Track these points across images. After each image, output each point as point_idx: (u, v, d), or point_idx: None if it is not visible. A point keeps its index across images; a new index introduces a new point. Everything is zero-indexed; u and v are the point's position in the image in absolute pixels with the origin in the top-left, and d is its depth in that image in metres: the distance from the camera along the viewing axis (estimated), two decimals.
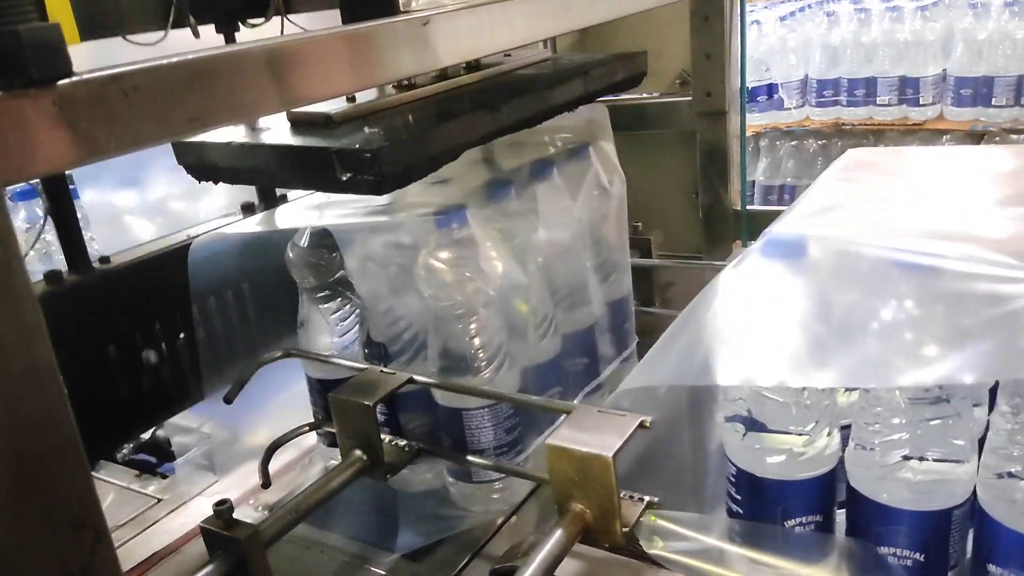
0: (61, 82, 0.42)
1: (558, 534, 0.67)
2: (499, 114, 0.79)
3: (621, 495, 0.69)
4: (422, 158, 0.71)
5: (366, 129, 0.71)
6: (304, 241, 0.91)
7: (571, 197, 0.95)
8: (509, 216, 0.88)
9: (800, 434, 0.63)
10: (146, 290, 0.89)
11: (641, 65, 1.05)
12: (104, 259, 0.87)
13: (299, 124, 0.75)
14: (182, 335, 0.91)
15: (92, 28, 0.83)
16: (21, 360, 0.33)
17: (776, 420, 0.64)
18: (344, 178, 0.66)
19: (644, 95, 1.51)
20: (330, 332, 0.93)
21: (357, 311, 0.93)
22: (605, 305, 1.03)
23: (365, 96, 0.80)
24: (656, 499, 0.74)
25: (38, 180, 0.85)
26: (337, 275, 0.91)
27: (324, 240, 0.90)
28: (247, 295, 0.99)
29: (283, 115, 0.77)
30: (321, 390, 0.94)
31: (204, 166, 0.75)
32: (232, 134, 0.75)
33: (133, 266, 0.88)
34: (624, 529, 0.69)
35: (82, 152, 0.43)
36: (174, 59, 0.47)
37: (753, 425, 0.65)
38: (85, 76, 0.43)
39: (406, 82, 0.82)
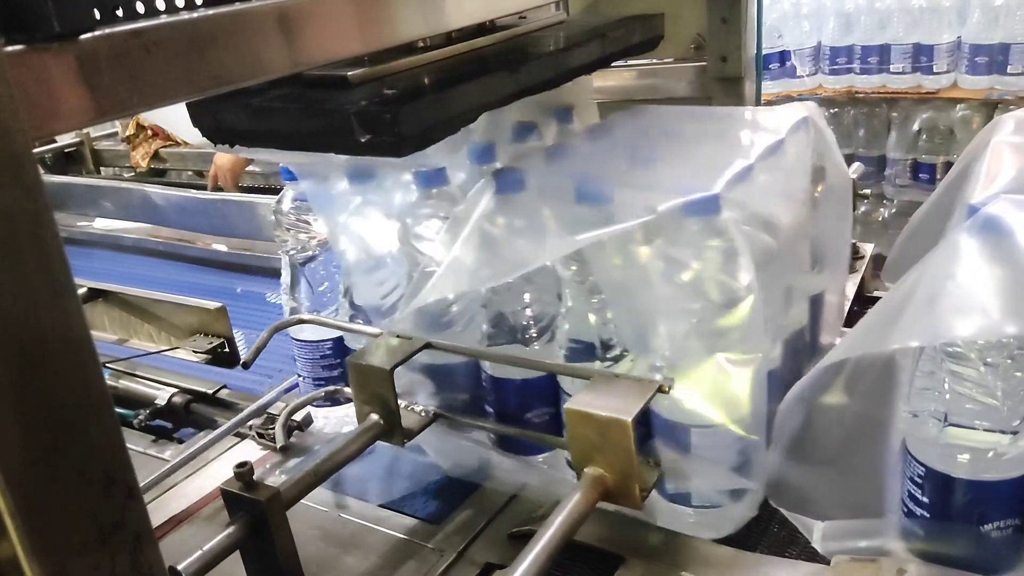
0: (83, 36, 0.41)
1: (577, 497, 0.68)
2: (518, 76, 0.78)
3: (639, 459, 0.69)
4: (441, 119, 0.70)
5: (384, 90, 0.71)
6: (285, 204, 0.91)
7: None
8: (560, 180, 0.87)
9: (1005, 432, 0.59)
10: None
11: (658, 27, 1.03)
12: None
13: (316, 86, 0.74)
14: None
15: None
16: (51, 315, 0.33)
17: (977, 416, 0.59)
18: (363, 140, 0.65)
19: (658, 60, 1.49)
20: (313, 296, 0.94)
21: (337, 274, 0.94)
22: None
23: (382, 56, 0.79)
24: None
25: None
26: (318, 239, 0.92)
27: (304, 203, 0.90)
28: None
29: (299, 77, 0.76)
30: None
31: (220, 128, 0.75)
32: (248, 96, 0.74)
33: None
34: (642, 492, 0.69)
35: (105, 107, 0.42)
36: (195, 15, 0.46)
37: (949, 421, 0.60)
38: (107, 30, 0.42)
39: (421, 44, 0.81)
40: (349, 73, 0.73)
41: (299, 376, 0.99)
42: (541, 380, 0.82)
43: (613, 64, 1.04)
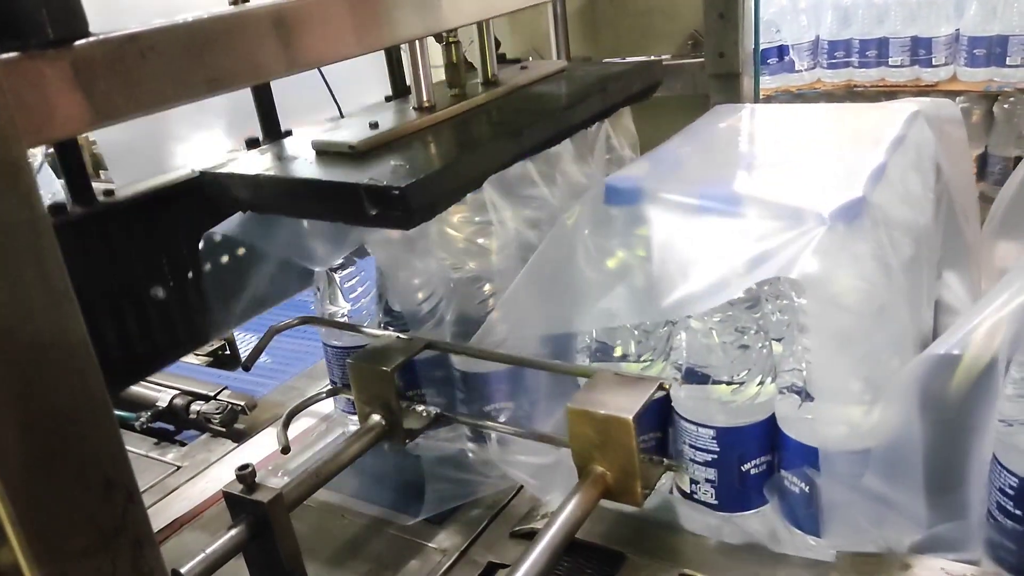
0: (78, 42, 0.41)
1: (579, 496, 0.68)
2: (521, 139, 0.79)
3: (640, 457, 0.69)
4: (448, 190, 0.71)
5: (391, 162, 0.71)
6: None
7: (586, 160, 0.94)
8: (523, 180, 0.87)
9: None
10: (152, 225, 0.83)
11: (657, 74, 1.05)
12: (108, 192, 0.82)
13: (323, 154, 0.75)
14: (190, 273, 0.85)
15: None
16: (49, 323, 0.33)
17: None
18: (373, 213, 0.66)
19: (655, 57, 1.49)
20: (343, 298, 0.93)
21: (370, 278, 0.93)
22: None
23: (387, 120, 0.80)
24: (674, 462, 0.75)
25: None
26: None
27: None
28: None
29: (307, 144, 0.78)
30: (338, 357, 0.94)
31: (230, 197, 0.75)
32: (259, 166, 0.75)
33: (138, 199, 0.81)
34: (644, 491, 0.69)
35: (101, 114, 0.42)
36: (190, 19, 0.46)
37: None
38: (102, 36, 0.42)
39: (426, 104, 0.81)
40: (355, 141, 0.73)
41: (332, 383, 0.98)
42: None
43: (607, 60, 1.05)
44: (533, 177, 0.88)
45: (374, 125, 0.77)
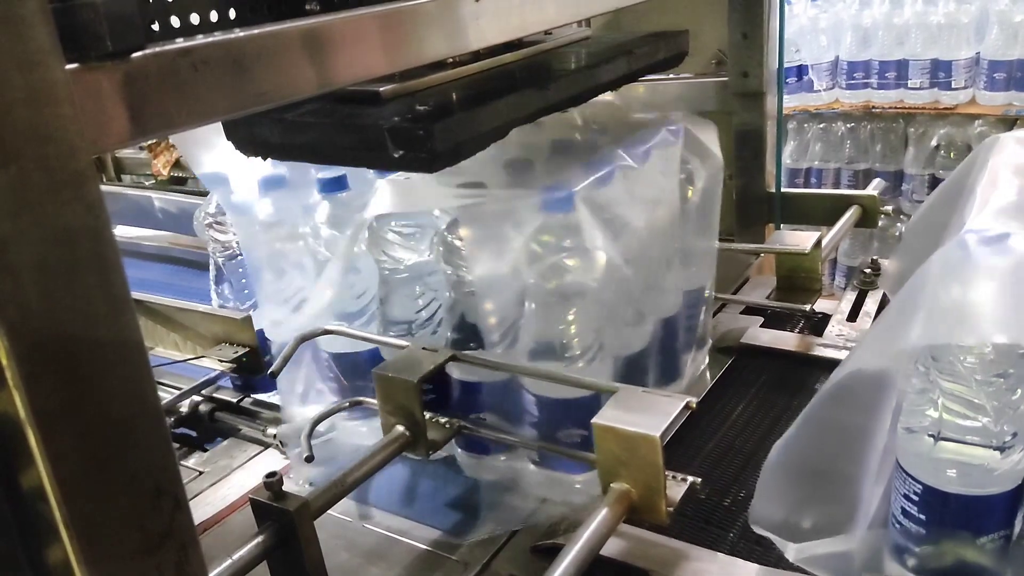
0: (135, 55, 0.42)
1: (604, 512, 0.68)
2: (547, 92, 0.79)
3: (666, 474, 0.70)
4: (473, 135, 0.71)
5: (417, 106, 0.71)
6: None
7: (669, 181, 0.93)
8: (609, 200, 0.84)
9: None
10: None
11: (683, 44, 1.04)
12: None
13: (347, 100, 0.75)
14: None
15: None
16: (109, 330, 0.34)
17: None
18: (396, 156, 0.66)
19: (678, 75, 1.50)
20: (407, 312, 0.93)
21: (434, 294, 0.93)
22: (687, 294, 1.01)
23: (412, 72, 0.80)
24: (698, 480, 0.75)
25: None
26: (414, 256, 0.90)
27: (401, 222, 0.90)
28: None
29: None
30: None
31: (254, 142, 0.76)
32: (281, 111, 0.75)
33: None
34: (669, 508, 0.69)
35: (153, 124, 0.43)
36: (241, 33, 0.47)
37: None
38: (157, 49, 0.43)
39: (451, 60, 0.82)
40: (381, 88, 0.73)
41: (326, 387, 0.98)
42: None
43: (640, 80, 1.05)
44: (620, 196, 0.86)
45: (399, 75, 0.77)
